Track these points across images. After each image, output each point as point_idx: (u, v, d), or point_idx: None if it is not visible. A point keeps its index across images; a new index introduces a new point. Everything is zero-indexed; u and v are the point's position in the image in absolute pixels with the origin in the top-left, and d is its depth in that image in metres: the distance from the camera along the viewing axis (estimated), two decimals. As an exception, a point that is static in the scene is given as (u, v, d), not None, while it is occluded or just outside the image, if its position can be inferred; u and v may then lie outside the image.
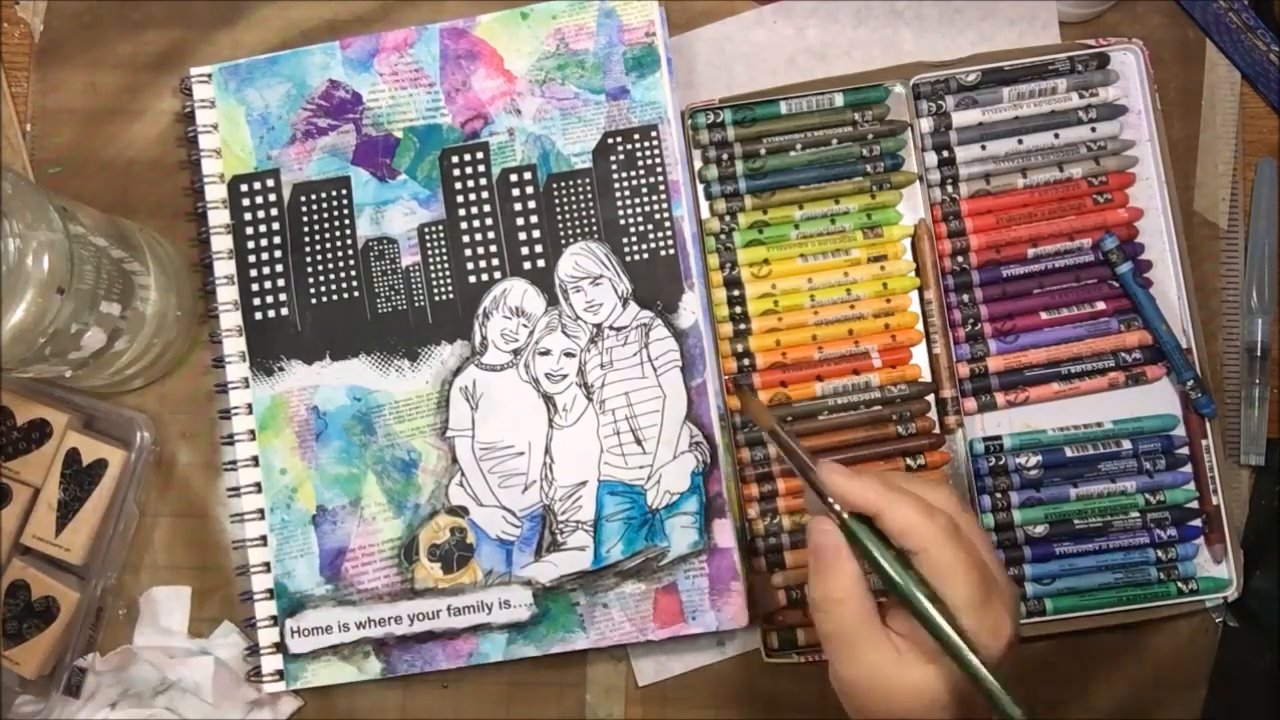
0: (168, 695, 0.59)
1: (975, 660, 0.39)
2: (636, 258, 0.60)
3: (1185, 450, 0.60)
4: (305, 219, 0.61)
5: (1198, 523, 0.60)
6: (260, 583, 0.59)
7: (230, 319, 0.60)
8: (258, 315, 0.60)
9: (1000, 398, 0.60)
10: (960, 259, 0.61)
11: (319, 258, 0.61)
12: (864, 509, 0.41)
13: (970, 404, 0.60)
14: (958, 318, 0.61)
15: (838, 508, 0.42)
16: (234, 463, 0.60)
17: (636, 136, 0.60)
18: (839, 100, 0.62)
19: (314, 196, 0.61)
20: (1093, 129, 0.62)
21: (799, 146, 0.61)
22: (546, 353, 0.60)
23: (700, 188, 0.62)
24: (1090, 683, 0.61)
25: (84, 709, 0.59)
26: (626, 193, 0.60)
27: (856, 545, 0.41)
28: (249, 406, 0.60)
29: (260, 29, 0.64)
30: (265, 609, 0.59)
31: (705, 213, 0.62)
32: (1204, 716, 0.61)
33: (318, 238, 0.61)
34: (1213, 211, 0.63)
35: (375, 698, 0.61)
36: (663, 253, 0.60)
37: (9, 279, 0.48)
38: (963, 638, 0.39)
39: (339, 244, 0.61)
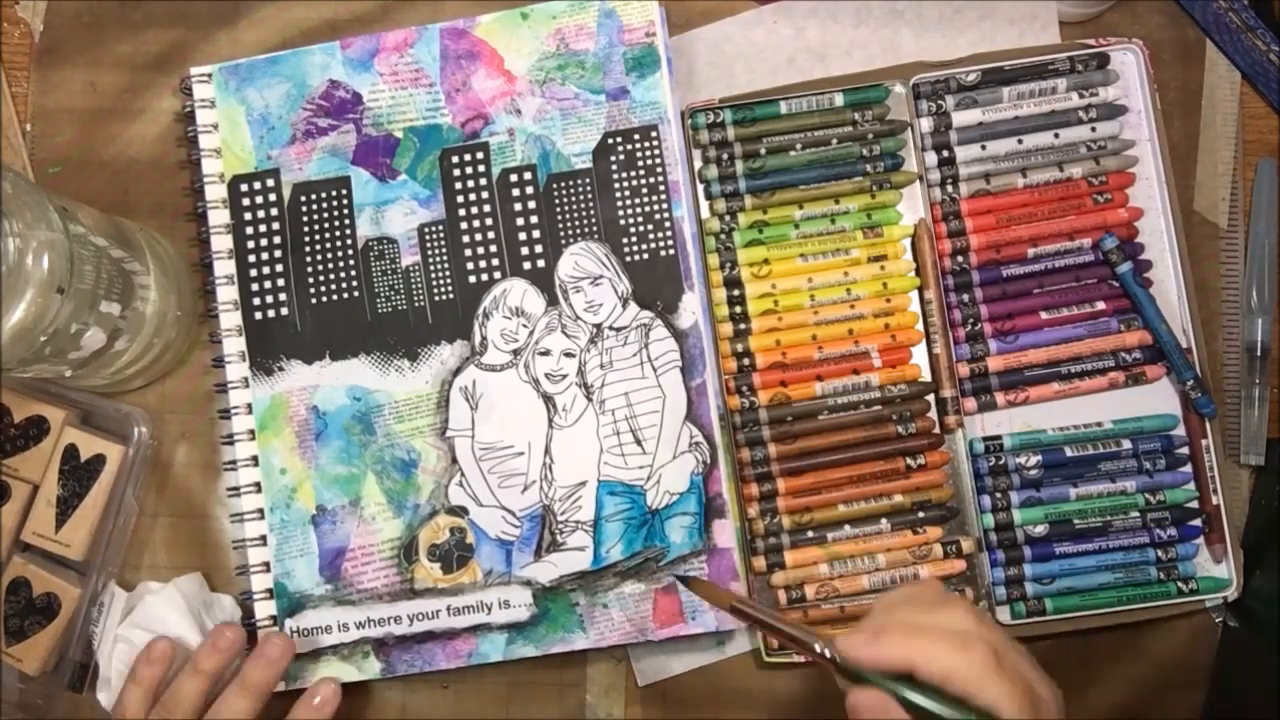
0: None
1: None
2: (636, 258, 0.60)
3: (1185, 450, 0.60)
4: (305, 219, 0.61)
5: (1198, 523, 0.60)
6: (260, 583, 0.59)
7: (230, 319, 0.61)
8: (258, 315, 0.60)
9: (1000, 398, 0.60)
10: (960, 259, 0.61)
11: (319, 258, 0.61)
12: (897, 668, 0.40)
13: (970, 404, 0.60)
14: (958, 318, 0.61)
15: (886, 684, 0.40)
16: (234, 462, 0.60)
17: (636, 137, 0.60)
18: (839, 100, 0.61)
19: (314, 196, 0.61)
20: (1093, 129, 0.61)
21: (799, 146, 0.61)
22: (546, 353, 0.60)
23: (700, 188, 0.62)
24: (1090, 683, 0.61)
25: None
26: (626, 193, 0.60)
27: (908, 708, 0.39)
28: (249, 406, 0.60)
29: (260, 29, 0.64)
30: (265, 609, 0.59)
31: (705, 213, 0.62)
32: (1204, 716, 0.61)
33: (318, 238, 0.61)
34: (1213, 211, 0.63)
35: (375, 698, 0.61)
36: (663, 253, 0.60)
37: (9, 279, 0.48)
38: None
39: (339, 244, 0.61)
